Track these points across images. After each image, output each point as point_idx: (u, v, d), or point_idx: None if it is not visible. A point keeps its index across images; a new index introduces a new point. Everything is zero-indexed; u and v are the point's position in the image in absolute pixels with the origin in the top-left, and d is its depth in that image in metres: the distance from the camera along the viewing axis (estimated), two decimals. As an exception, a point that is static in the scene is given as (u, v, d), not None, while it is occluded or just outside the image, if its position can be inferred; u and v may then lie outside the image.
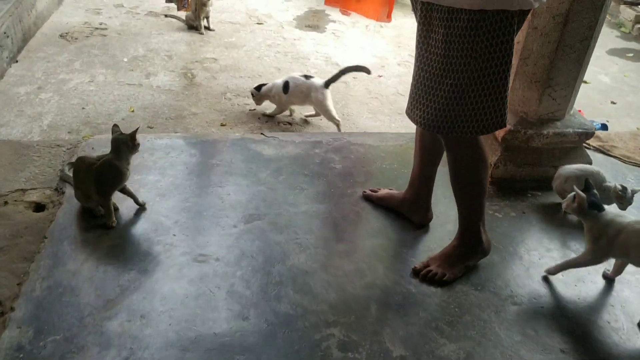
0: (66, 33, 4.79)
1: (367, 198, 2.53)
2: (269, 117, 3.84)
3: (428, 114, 1.86)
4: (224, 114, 3.84)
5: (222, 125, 3.69)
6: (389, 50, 5.11)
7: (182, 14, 5.11)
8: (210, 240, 2.23)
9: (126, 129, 3.41)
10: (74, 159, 2.63)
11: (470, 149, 1.96)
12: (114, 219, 2.26)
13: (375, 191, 2.56)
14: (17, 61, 4.22)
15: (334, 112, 3.64)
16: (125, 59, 4.46)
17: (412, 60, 1.97)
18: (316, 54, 4.90)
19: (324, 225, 2.36)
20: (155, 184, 2.53)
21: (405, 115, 2.04)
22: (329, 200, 2.50)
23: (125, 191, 2.32)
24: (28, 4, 4.52)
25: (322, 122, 3.83)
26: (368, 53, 5.04)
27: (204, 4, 4.92)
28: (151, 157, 2.71)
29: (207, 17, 5.10)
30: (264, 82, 3.87)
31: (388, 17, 4.96)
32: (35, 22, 4.67)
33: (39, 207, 2.42)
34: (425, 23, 1.78)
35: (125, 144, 2.19)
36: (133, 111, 3.75)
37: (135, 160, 2.63)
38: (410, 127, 2.31)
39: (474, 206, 2.09)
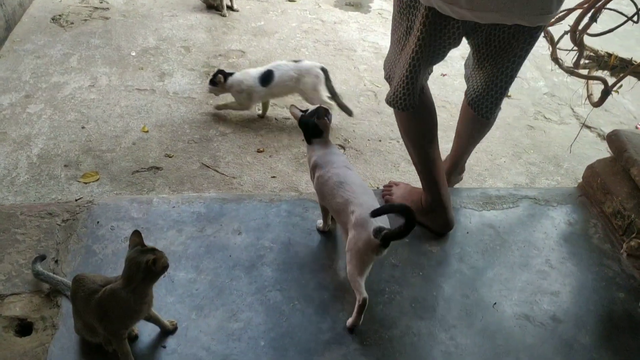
0: (59, 16, 3.91)
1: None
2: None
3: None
4: (259, 133, 3.05)
5: (259, 151, 2.91)
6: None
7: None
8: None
9: (139, 157, 2.63)
10: (71, 243, 1.89)
11: None
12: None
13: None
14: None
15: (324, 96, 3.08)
16: (134, 53, 3.62)
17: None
18: (363, 43, 4.04)
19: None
20: (189, 288, 1.79)
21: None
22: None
23: (149, 316, 1.59)
24: (11, -20, 3.64)
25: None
26: (424, 41, 4.17)
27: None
28: (179, 237, 1.96)
29: (231, -6, 4.21)
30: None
31: None
32: (20, 3, 3.79)
33: (24, 327, 1.70)
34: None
35: (143, 271, 1.42)
36: (147, 131, 2.95)
37: (157, 242, 1.90)
38: (509, 169, 1.55)
39: None
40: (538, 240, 2.10)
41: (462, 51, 4.08)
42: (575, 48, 2.03)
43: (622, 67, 2.02)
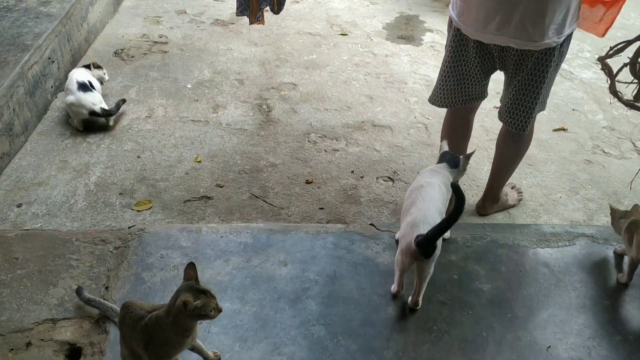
0: (121, 50, 4.10)
1: None
2: None
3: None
4: (308, 164, 3.07)
5: (307, 182, 2.92)
6: (502, 69, 4.18)
7: None
8: None
9: (191, 187, 2.70)
10: (122, 270, 1.93)
11: None
12: (176, 392, 1.54)
13: None
14: (63, 90, 3.56)
15: None
16: (189, 85, 3.74)
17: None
18: (414, 76, 4.03)
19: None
20: (233, 319, 1.78)
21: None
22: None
23: (192, 346, 1.59)
24: (79, 18, 3.85)
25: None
26: (476, 74, 4.13)
27: None
28: (226, 267, 1.97)
29: None
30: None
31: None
32: (86, 38, 4.00)
33: (73, 352, 1.73)
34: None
35: (176, 309, 1.42)
36: (200, 161, 3.02)
37: (204, 271, 1.91)
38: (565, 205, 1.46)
39: None
40: (596, 281, 1.99)
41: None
42: (636, 81, 1.96)
43: (686, 101, 1.93)
